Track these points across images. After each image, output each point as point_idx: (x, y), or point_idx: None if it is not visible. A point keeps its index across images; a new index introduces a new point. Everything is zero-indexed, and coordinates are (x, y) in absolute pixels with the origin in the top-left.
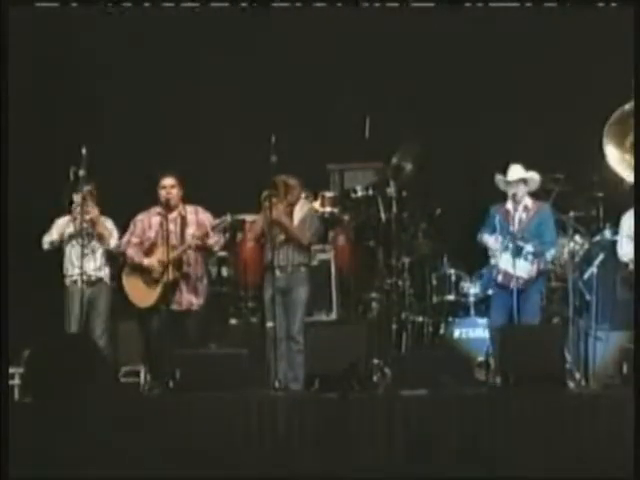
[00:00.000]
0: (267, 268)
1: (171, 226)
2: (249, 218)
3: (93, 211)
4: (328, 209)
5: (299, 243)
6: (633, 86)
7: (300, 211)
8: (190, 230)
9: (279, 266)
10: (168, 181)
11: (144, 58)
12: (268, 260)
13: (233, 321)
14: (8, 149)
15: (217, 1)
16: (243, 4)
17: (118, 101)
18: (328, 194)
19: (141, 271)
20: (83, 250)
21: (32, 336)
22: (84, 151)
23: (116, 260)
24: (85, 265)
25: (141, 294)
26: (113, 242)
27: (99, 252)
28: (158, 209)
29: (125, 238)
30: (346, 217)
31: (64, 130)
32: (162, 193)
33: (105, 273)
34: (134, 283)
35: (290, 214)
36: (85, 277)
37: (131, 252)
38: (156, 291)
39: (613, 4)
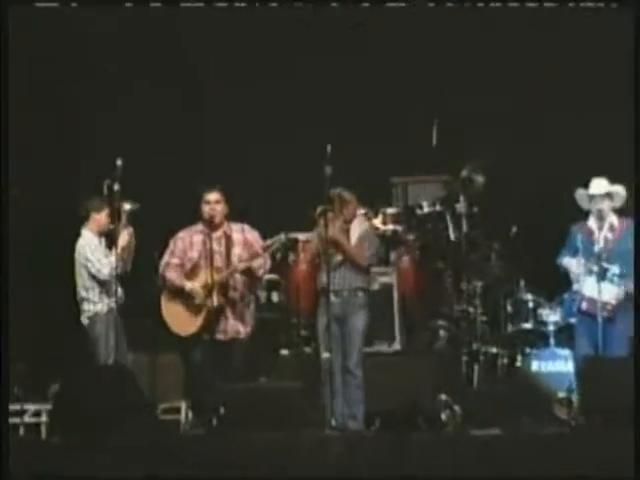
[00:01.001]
0: (321, 292)
1: (215, 246)
2: (302, 237)
3: (131, 238)
4: (390, 227)
5: (357, 265)
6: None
7: (358, 229)
8: (236, 250)
9: (335, 290)
10: (213, 196)
11: (177, 60)
12: (323, 284)
13: (284, 352)
14: (8, 149)
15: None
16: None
17: (144, 105)
18: (390, 210)
19: (182, 296)
20: (117, 272)
21: (59, 368)
22: (119, 162)
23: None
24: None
25: (182, 322)
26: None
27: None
28: (200, 227)
29: (164, 259)
30: (410, 236)
31: (64, 130)
32: (205, 209)
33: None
34: (174, 309)
35: (347, 232)
36: (116, 306)
37: (171, 275)
38: (199, 318)
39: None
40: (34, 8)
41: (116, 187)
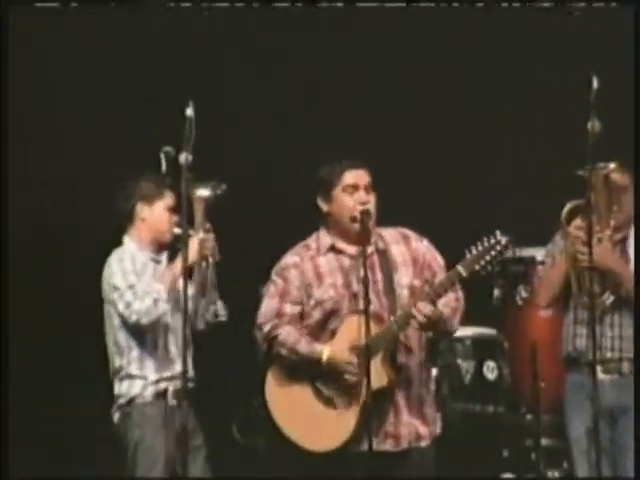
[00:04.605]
0: (574, 363)
1: (367, 273)
2: (539, 255)
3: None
4: None
5: None
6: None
7: None
8: (403, 278)
9: (605, 360)
10: (362, 177)
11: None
12: (579, 348)
13: (509, 477)
14: (8, 150)
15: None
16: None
17: None
18: None
19: (312, 374)
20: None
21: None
22: (190, 112)
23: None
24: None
25: (314, 425)
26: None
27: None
28: (328, 238)
29: (268, 305)
30: None
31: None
32: (349, 202)
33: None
34: (296, 402)
35: (622, 248)
36: (182, 384)
37: (285, 334)
38: (348, 416)
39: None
40: (34, 8)
41: (184, 158)
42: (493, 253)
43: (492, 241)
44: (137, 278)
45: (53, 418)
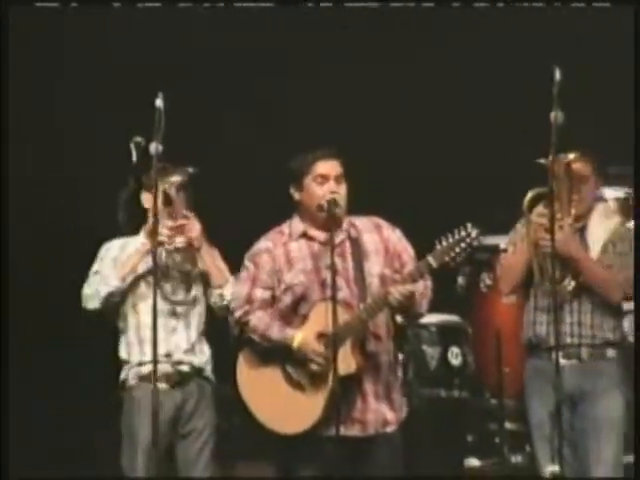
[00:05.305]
0: (535, 349)
1: (337, 260)
2: (503, 243)
3: (192, 225)
4: None
5: (605, 297)
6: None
7: (601, 229)
8: (373, 266)
9: (565, 346)
10: (333, 168)
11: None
12: (539, 334)
13: (473, 461)
14: (8, 150)
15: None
16: None
17: None
18: None
19: (282, 359)
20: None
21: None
22: (159, 103)
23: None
24: (171, 341)
25: (281, 407)
26: (229, 294)
27: (196, 316)
28: (300, 225)
29: (240, 290)
30: None
31: (65, 131)
32: (319, 191)
33: (206, 359)
34: (266, 385)
35: (582, 236)
36: (171, 366)
37: (256, 319)
38: (317, 400)
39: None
40: (34, 8)
41: (154, 147)
42: (463, 245)
43: (463, 233)
44: (106, 265)
45: (53, 418)
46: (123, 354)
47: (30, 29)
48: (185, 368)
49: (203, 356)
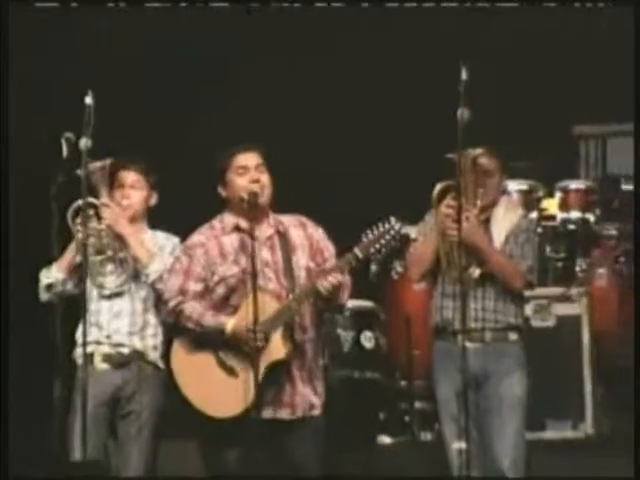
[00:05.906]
0: (443, 334)
1: (264, 253)
2: (413, 233)
3: (106, 212)
4: (575, 215)
5: (508, 284)
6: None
7: (506, 220)
8: (300, 259)
9: (470, 329)
10: (252, 159)
11: None
12: (445, 318)
13: (385, 439)
14: (8, 150)
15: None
16: None
17: None
18: (576, 185)
19: (216, 346)
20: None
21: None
22: (89, 101)
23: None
24: (113, 323)
25: (214, 392)
26: (154, 273)
27: (141, 300)
28: (231, 219)
29: (173, 283)
30: (612, 230)
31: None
32: (240, 183)
33: (152, 343)
34: (200, 370)
35: (486, 227)
36: (111, 348)
37: (190, 308)
38: (249, 384)
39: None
40: (34, 8)
41: (84, 143)
42: (387, 237)
43: (387, 226)
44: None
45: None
46: (77, 336)
47: (30, 29)
48: (125, 350)
49: (150, 340)
